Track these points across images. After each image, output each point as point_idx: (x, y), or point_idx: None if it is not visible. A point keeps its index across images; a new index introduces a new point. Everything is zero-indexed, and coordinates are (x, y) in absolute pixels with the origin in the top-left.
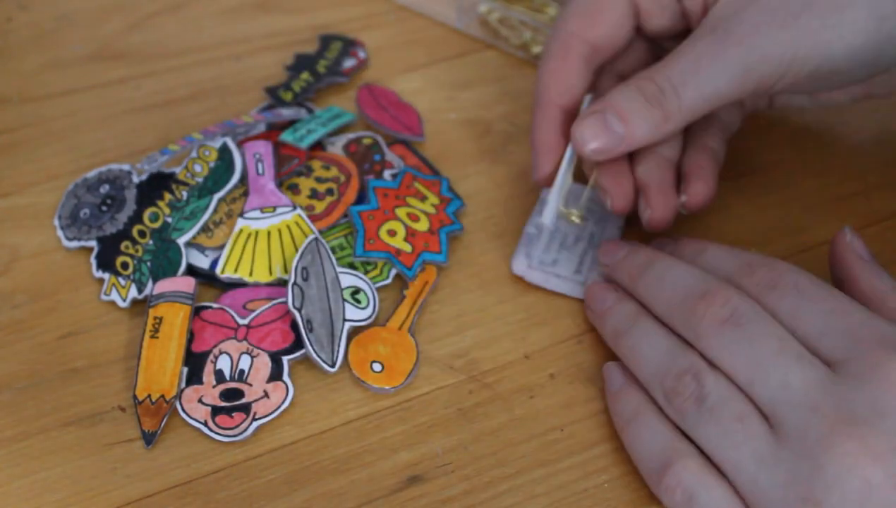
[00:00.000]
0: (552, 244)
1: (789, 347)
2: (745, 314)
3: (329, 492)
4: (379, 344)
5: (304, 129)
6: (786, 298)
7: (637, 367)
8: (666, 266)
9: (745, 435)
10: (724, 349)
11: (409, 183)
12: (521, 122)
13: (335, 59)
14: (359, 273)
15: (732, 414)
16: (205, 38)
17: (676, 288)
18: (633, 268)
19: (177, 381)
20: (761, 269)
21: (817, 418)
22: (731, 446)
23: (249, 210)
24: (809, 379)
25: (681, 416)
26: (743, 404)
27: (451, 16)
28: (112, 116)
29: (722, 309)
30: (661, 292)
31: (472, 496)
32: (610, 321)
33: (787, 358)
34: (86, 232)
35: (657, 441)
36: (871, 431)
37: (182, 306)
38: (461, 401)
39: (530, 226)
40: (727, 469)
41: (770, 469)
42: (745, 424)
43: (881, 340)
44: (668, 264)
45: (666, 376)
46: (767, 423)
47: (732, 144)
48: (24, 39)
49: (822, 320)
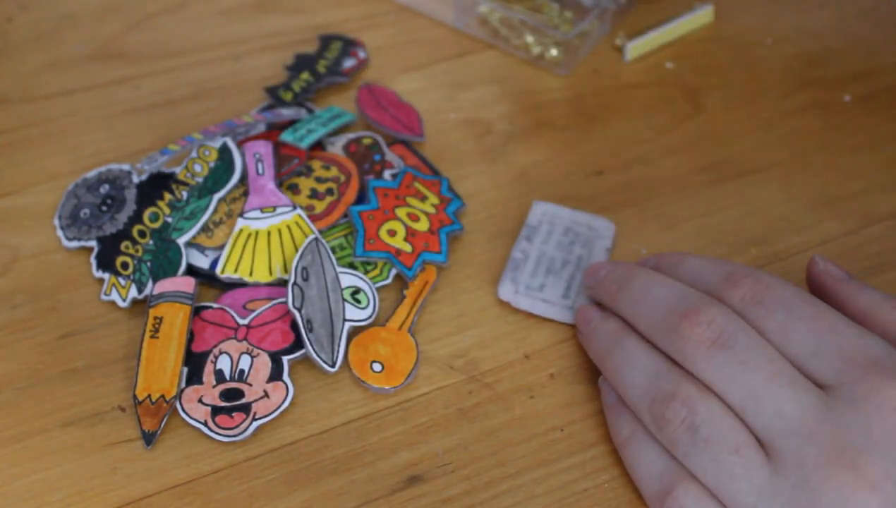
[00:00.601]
0: (539, 269)
1: (781, 371)
2: (733, 335)
3: (329, 492)
4: (379, 344)
5: (304, 129)
6: (773, 314)
7: (622, 390)
8: (645, 280)
9: (743, 468)
10: (714, 373)
11: (410, 183)
12: (521, 122)
13: (335, 59)
14: (359, 273)
15: (728, 445)
16: (205, 38)
17: (658, 303)
18: (613, 285)
19: (177, 381)
20: (745, 281)
21: (814, 447)
22: (728, 478)
23: (249, 210)
24: (804, 406)
25: (672, 444)
26: (737, 433)
27: (451, 15)
28: (112, 116)
29: (708, 329)
30: (642, 308)
31: (472, 496)
32: (594, 340)
33: (781, 383)
34: (86, 232)
35: (656, 463)
36: (866, 460)
37: (182, 306)
38: (461, 401)
39: (516, 250)
40: (725, 499)
41: (768, 500)
42: (741, 456)
43: (873, 362)
44: (646, 278)
45: (653, 401)
46: (763, 452)
47: (732, 144)
48: (24, 39)
49: (812, 340)
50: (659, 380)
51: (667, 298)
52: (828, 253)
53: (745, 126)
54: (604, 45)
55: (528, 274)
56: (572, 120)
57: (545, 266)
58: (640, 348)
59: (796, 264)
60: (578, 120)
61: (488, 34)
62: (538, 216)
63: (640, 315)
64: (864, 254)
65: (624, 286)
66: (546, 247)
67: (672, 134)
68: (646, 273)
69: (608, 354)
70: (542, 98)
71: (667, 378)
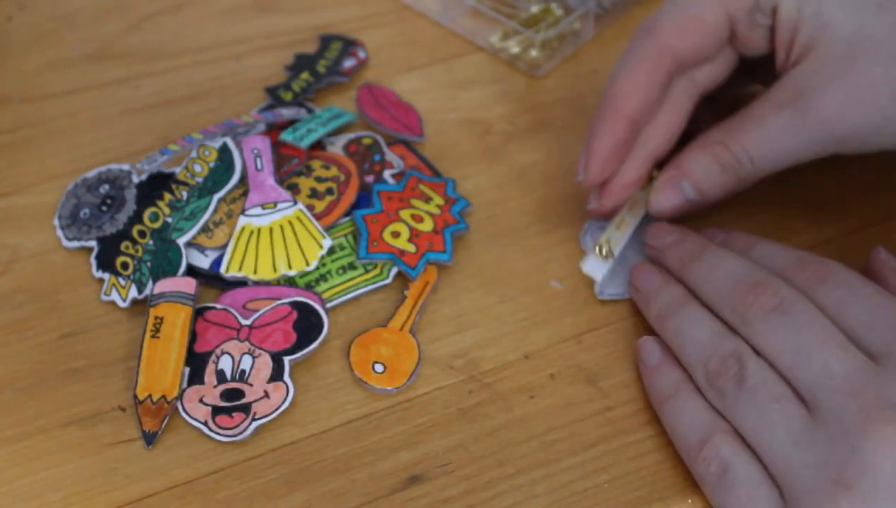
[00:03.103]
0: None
1: (833, 336)
2: (793, 303)
3: (329, 492)
4: (381, 345)
5: (304, 129)
6: (834, 292)
7: (681, 348)
8: (718, 256)
9: (782, 416)
10: (769, 334)
11: (414, 185)
12: (521, 122)
13: (335, 59)
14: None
15: (770, 395)
16: (205, 38)
17: (727, 277)
18: (685, 254)
19: (178, 382)
20: (812, 265)
21: (855, 403)
22: (766, 426)
23: (250, 207)
24: (850, 367)
25: (720, 396)
26: (782, 387)
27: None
28: (112, 116)
29: (771, 298)
30: (711, 280)
31: (472, 496)
32: (656, 302)
33: (831, 345)
34: (86, 232)
35: (698, 415)
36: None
37: (183, 307)
38: (461, 401)
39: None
40: (762, 449)
41: (804, 450)
42: (781, 405)
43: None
44: (719, 254)
45: (710, 358)
46: (805, 407)
47: None
48: (24, 39)
49: (868, 314)
50: (720, 339)
51: (737, 273)
52: (828, 253)
53: None
54: (604, 45)
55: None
56: (572, 120)
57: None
58: (703, 313)
59: None
60: (578, 120)
61: (468, 31)
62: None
63: (707, 285)
64: (865, 253)
65: (696, 258)
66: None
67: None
68: (718, 249)
69: (672, 316)
70: (542, 98)
71: (728, 338)
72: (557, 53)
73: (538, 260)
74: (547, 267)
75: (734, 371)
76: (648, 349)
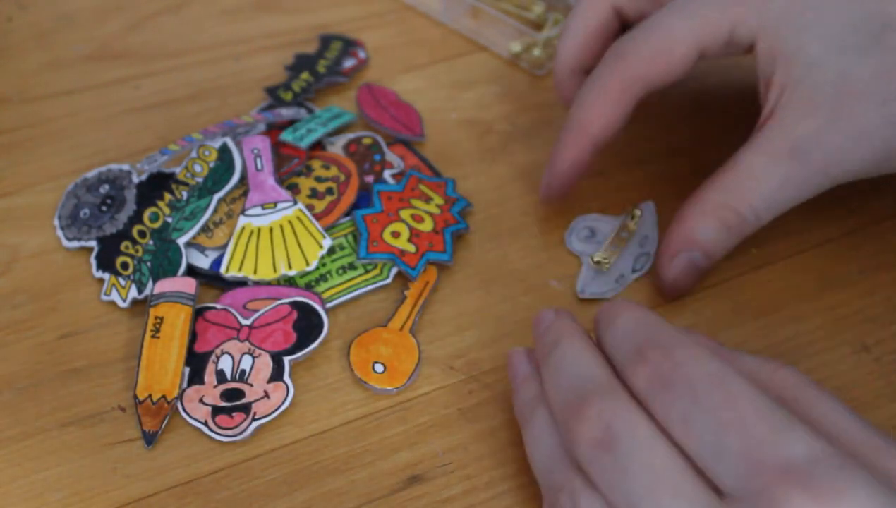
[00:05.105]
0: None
1: (664, 479)
2: (619, 436)
3: (329, 492)
4: (381, 345)
5: (304, 129)
6: (677, 402)
7: (530, 459)
8: (565, 351)
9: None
10: (597, 477)
11: (414, 185)
12: (521, 122)
13: (335, 59)
14: None
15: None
16: (205, 38)
17: (568, 382)
18: (544, 347)
19: (178, 382)
20: (654, 356)
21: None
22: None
23: (250, 207)
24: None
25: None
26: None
27: (446, 12)
28: (112, 116)
29: (594, 428)
30: (552, 388)
31: (472, 496)
32: (517, 398)
33: (661, 493)
34: (86, 232)
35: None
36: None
37: (184, 307)
38: (461, 401)
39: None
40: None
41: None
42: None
43: (785, 467)
44: (568, 348)
45: (548, 489)
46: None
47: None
48: (24, 39)
49: (714, 436)
50: (554, 467)
51: (574, 379)
52: (828, 252)
53: (746, 125)
54: None
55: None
56: None
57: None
58: (547, 427)
59: (797, 264)
60: None
61: (471, 31)
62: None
63: (550, 394)
64: (865, 253)
65: (549, 353)
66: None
67: (673, 134)
68: (570, 341)
69: (524, 422)
70: (541, 98)
71: (559, 469)
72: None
73: (538, 260)
74: (547, 267)
75: (568, 506)
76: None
